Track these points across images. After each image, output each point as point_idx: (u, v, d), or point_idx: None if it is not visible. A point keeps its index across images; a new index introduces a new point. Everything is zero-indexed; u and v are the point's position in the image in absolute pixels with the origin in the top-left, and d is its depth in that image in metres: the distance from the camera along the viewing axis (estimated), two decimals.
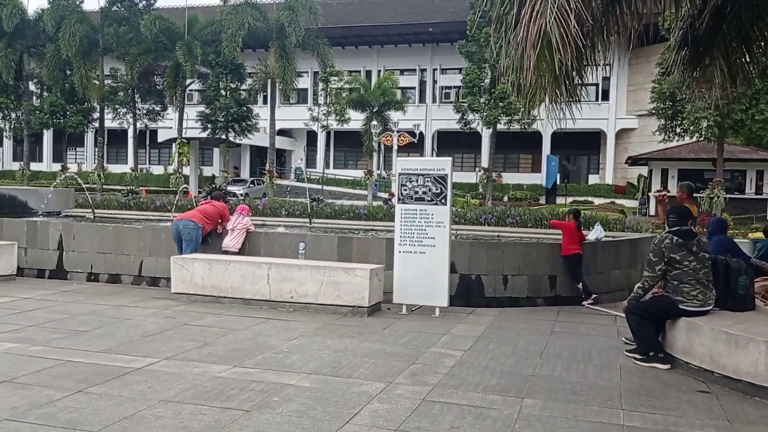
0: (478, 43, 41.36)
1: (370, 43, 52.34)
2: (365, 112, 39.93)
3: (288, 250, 10.44)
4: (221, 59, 39.72)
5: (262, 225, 14.42)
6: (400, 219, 9.16)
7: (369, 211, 14.89)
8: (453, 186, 34.43)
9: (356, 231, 13.32)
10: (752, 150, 35.52)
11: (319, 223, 14.31)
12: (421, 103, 51.42)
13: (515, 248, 10.17)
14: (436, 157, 8.43)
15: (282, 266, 9.18)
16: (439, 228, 9.01)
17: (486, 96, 41.75)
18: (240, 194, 42.64)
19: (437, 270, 9.00)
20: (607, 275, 10.92)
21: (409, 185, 9.12)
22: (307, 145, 55.23)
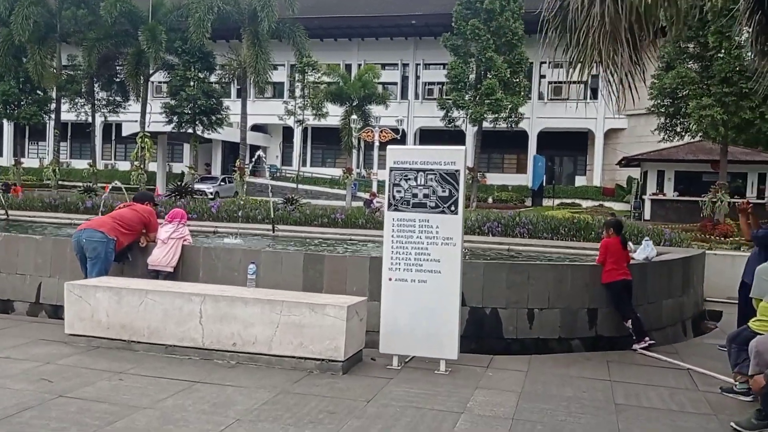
0: (464, 36, 38.89)
1: (350, 35, 49.53)
2: (344, 106, 37.17)
3: (236, 272, 7.69)
4: (188, 47, 36.70)
5: (214, 232, 11.65)
6: (392, 233, 6.47)
7: (347, 216, 12.16)
8: None
9: (330, 243, 10.61)
10: (754, 152, 33.40)
11: (286, 231, 11.56)
12: (403, 99, 48.75)
13: (544, 272, 7.51)
14: (443, 147, 6.54)
15: (221, 299, 6.44)
16: (446, 246, 6.33)
17: (472, 92, 39.29)
18: (209, 192, 39.83)
19: (443, 306, 6.33)
20: (658, 306, 8.33)
21: (404, 185, 6.43)
22: (282, 142, 52.28)
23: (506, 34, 38.37)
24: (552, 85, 47.07)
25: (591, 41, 6.68)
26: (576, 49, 6.89)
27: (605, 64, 6.73)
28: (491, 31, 38.15)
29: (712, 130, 26.98)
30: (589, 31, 6.62)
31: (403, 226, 6.44)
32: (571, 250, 10.36)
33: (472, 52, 39.16)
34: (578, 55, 6.87)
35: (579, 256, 10.07)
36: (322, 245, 10.26)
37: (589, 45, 6.73)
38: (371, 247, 10.16)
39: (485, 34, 37.92)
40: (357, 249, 9.91)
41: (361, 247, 10.08)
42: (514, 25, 38.38)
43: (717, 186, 28.06)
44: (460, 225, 6.33)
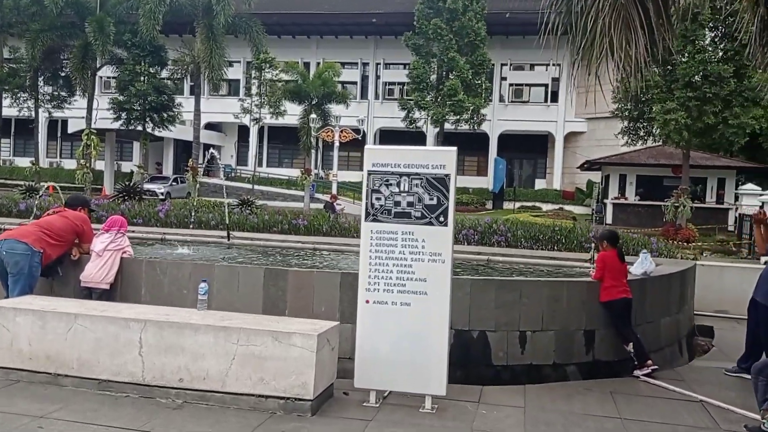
0: (425, 36, 38.24)
1: (309, 32, 48.35)
2: (303, 104, 35.99)
3: (185, 290, 6.65)
4: (138, 40, 35.03)
5: (161, 240, 10.51)
6: (370, 247, 5.52)
7: (310, 221, 11.14)
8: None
9: (293, 253, 9.59)
10: (714, 157, 33.55)
11: (242, 238, 10.48)
12: (362, 99, 47.79)
13: (538, 289, 6.66)
14: (432, 147, 5.74)
15: (166, 326, 5.41)
16: (434, 264, 5.42)
17: (433, 93, 38.64)
18: (160, 193, 38.15)
19: (430, 334, 5.42)
20: (657, 326, 7.57)
21: (385, 191, 5.49)
22: (238, 141, 50.76)
23: (469, 34, 37.85)
24: (513, 88, 46.81)
25: (600, 27, 5.87)
26: (582, 38, 6.05)
27: (616, 54, 5.90)
28: (454, 31, 37.59)
29: (676, 135, 26.79)
30: (599, 15, 5.80)
31: (383, 240, 5.50)
32: (554, 260, 9.56)
33: (434, 52, 38.53)
34: (585, 44, 6.02)
35: (563, 267, 9.29)
36: (284, 256, 9.25)
37: (598, 32, 5.91)
38: (339, 258, 9.19)
39: (447, 34, 37.32)
40: (323, 261, 8.93)
41: (327, 259, 9.10)
42: (476, 25, 37.89)
43: (679, 191, 27.91)
44: (450, 238, 5.43)
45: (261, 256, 9.00)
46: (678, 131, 26.72)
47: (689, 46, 26.39)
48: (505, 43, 45.71)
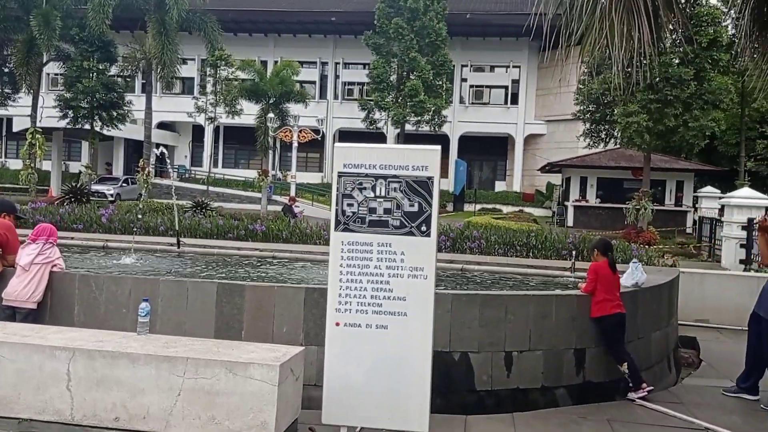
0: (386, 35, 37.59)
1: (266, 30, 47.21)
2: (260, 103, 34.90)
3: (125, 310, 5.80)
4: (87, 35, 33.45)
5: (103, 247, 9.55)
6: (340, 261, 4.77)
7: (268, 227, 10.30)
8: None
9: (250, 262, 8.75)
10: (672, 159, 33.71)
11: (194, 245, 9.59)
12: (321, 99, 46.84)
13: (525, 305, 6.00)
14: (412, 146, 5.21)
15: (99, 355, 4.57)
16: (415, 280, 4.70)
17: (394, 93, 38.01)
18: (109, 194, 36.58)
19: (411, 362, 4.70)
20: (647, 341, 7.01)
21: (358, 197, 4.75)
22: (192, 141, 49.28)
23: (430, 34, 37.34)
24: (473, 89, 46.52)
25: (600, 10, 5.25)
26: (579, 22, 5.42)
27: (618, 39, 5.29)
28: (415, 31, 37.03)
29: (638, 137, 26.69)
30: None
31: (355, 252, 4.76)
32: (532, 269, 8.95)
33: (395, 51, 37.91)
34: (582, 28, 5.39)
35: (542, 276, 8.68)
36: (240, 266, 8.41)
37: (597, 15, 5.29)
38: (301, 269, 8.40)
39: (409, 33, 36.74)
40: (284, 272, 8.12)
41: (288, 270, 8.29)
42: (437, 25, 37.40)
43: (640, 193, 27.85)
44: (433, 251, 4.71)
45: (214, 267, 8.15)
46: (639, 134, 26.62)
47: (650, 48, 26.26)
48: (465, 44, 45.42)
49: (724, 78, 27.41)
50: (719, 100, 26.54)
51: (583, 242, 9.67)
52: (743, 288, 9.83)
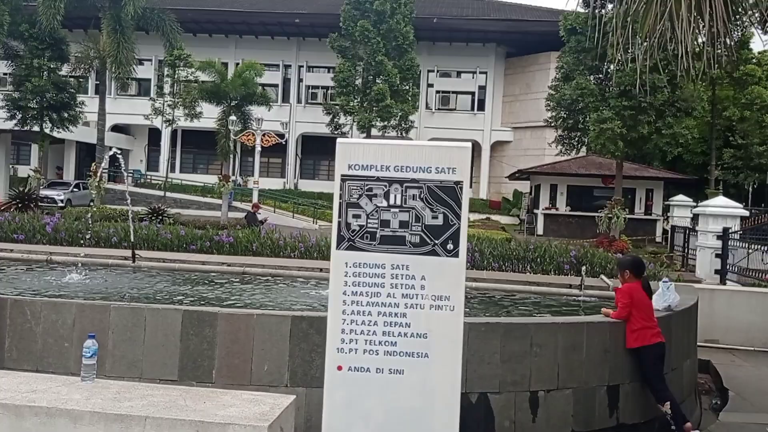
0: (352, 38, 36.65)
1: (227, 31, 45.80)
2: (221, 105, 33.54)
3: (68, 343, 4.68)
4: (37, 31, 31.67)
5: (47, 261, 8.31)
6: (344, 287, 3.75)
7: (236, 239, 9.18)
8: (318, 197, 28.50)
9: (217, 281, 7.62)
10: (642, 167, 33.51)
11: (151, 259, 8.42)
12: (284, 103, 45.59)
13: (552, 334, 5.06)
14: (438, 142, 4.40)
15: (30, 411, 3.45)
16: (440, 312, 3.71)
17: (360, 97, 37.07)
18: (59, 200, 34.69)
19: (432, 415, 3.70)
20: (680, 372, 6.14)
21: (366, 206, 3.74)
22: (148, 145, 47.49)
23: (397, 38, 36.55)
24: (440, 95, 45.90)
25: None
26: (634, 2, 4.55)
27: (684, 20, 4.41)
28: (381, 34, 36.18)
29: (611, 144, 26.23)
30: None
31: (363, 277, 3.74)
32: (533, 286, 8.04)
33: (361, 55, 37.00)
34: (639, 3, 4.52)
35: (547, 294, 7.78)
36: (206, 285, 7.29)
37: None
38: (277, 287, 7.33)
39: (375, 36, 35.87)
40: (258, 292, 7.03)
41: (263, 289, 7.21)
42: (404, 29, 36.64)
43: (613, 201, 27.40)
44: (461, 275, 3.73)
45: (176, 287, 7.02)
46: (613, 140, 26.17)
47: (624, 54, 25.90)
48: (432, 49, 44.81)
49: (697, 85, 27.18)
50: (692, 107, 26.28)
51: (586, 256, 8.82)
52: (755, 305, 9.12)
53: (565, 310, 6.87)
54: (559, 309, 6.87)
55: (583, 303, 7.14)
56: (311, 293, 6.99)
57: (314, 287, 7.37)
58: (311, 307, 6.03)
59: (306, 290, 7.18)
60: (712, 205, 21.44)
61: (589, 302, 7.18)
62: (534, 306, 7.14)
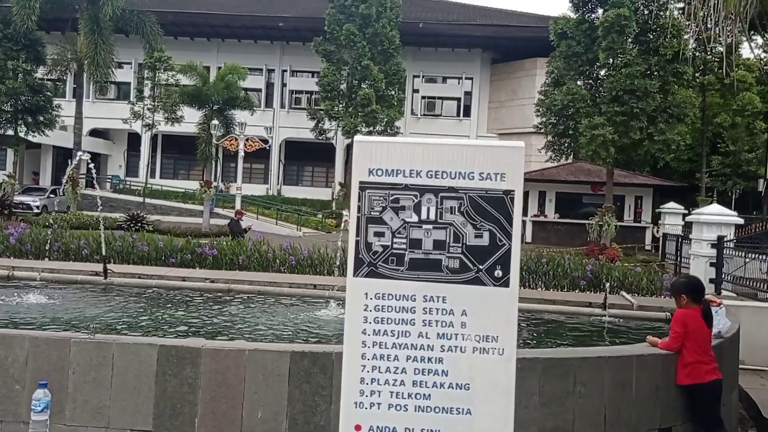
0: (337, 42, 35.91)
1: (209, 35, 44.72)
2: (203, 109, 32.57)
3: (18, 385, 3.84)
4: (12, 32, 30.55)
5: (8, 278, 7.42)
6: (363, 324, 2.97)
7: (220, 251, 8.35)
8: (302, 203, 27.24)
9: (199, 302, 6.78)
10: (631, 174, 33.07)
11: (126, 274, 7.56)
12: (267, 108, 44.64)
13: (598, 371, 4.31)
14: (482, 141, 3.86)
15: None
16: (485, 357, 2.93)
17: (345, 102, 36.31)
18: (35, 206, 33.50)
19: None
20: (729, 408, 5.42)
21: (392, 221, 2.96)
22: (128, 150, 46.29)
23: (382, 42, 35.88)
24: (425, 100, 45.28)
25: None
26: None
27: None
28: (367, 38, 35.49)
29: (603, 150, 25.69)
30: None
31: (388, 311, 2.96)
32: (550, 305, 7.30)
33: (346, 59, 36.27)
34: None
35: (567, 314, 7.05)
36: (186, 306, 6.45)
37: None
38: (269, 309, 6.50)
39: (361, 40, 35.16)
40: (248, 314, 6.20)
41: (253, 311, 6.38)
42: (390, 33, 35.99)
43: (604, 209, 26.88)
44: (514, 310, 2.96)
45: (153, 309, 6.17)
46: (605, 146, 25.64)
47: (615, 60, 25.48)
48: (417, 54, 44.18)
49: (688, 91, 26.79)
50: (684, 113, 25.85)
51: (602, 270, 8.10)
52: None
53: (593, 333, 6.13)
54: (587, 333, 6.14)
55: (608, 324, 6.42)
56: (308, 315, 6.19)
57: (310, 307, 6.57)
58: (312, 336, 5.24)
59: (301, 311, 6.39)
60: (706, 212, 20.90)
61: (617, 324, 6.47)
62: (553, 328, 6.40)
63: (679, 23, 26.00)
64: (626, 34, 24.98)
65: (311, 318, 5.99)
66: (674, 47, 25.44)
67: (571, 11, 27.89)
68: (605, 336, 6.01)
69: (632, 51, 25.18)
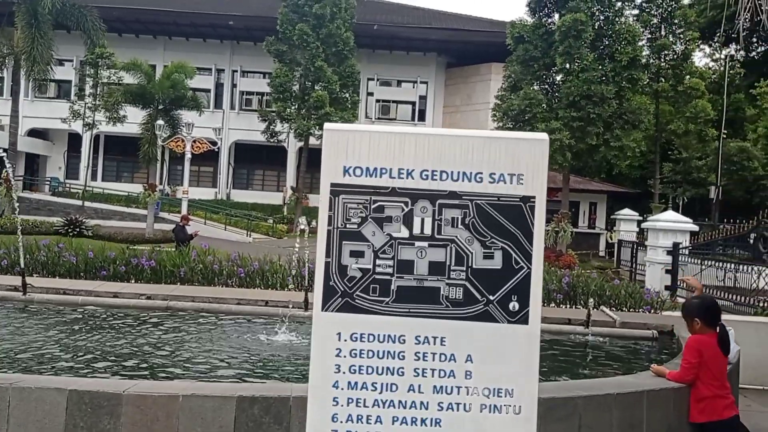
0: (289, 42, 34.96)
1: (155, 32, 43.17)
2: (148, 109, 31.18)
3: None
4: None
5: None
6: (336, 374, 2.21)
7: (159, 262, 7.43)
8: (252, 208, 26.10)
9: (130, 324, 5.87)
10: (585, 181, 33.07)
11: (48, 290, 6.59)
12: (217, 109, 43.31)
13: (605, 411, 3.64)
14: (495, 132, 3.26)
15: None
16: (496, 416, 2.20)
17: (298, 104, 35.38)
18: None
19: None
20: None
21: (374, 237, 2.21)
22: (68, 151, 44.28)
23: (337, 43, 35.09)
24: (380, 104, 44.69)
25: None
26: None
27: None
28: (321, 38, 34.65)
29: (560, 155, 25.46)
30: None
31: (368, 357, 2.22)
32: None
33: (299, 60, 35.33)
34: None
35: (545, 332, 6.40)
36: (114, 331, 5.54)
37: None
38: (213, 332, 5.64)
39: (314, 41, 34.30)
40: (188, 340, 5.32)
41: (194, 334, 5.50)
42: (345, 34, 35.24)
43: (560, 215, 26.67)
44: (535, 354, 2.25)
45: (74, 335, 5.25)
46: (561, 152, 25.41)
47: (573, 64, 25.31)
48: (372, 57, 43.55)
49: (643, 98, 26.83)
50: (639, 120, 25.84)
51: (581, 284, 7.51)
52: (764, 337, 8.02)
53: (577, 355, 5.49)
54: (572, 357, 5.49)
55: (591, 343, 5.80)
56: (258, 339, 5.38)
57: (261, 328, 5.76)
58: (264, 368, 4.42)
59: (251, 333, 5.57)
60: (662, 219, 20.86)
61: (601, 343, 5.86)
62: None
63: (635, 30, 26.03)
64: (583, 39, 24.83)
65: (263, 343, 5.18)
66: (629, 53, 25.43)
67: (528, 15, 27.67)
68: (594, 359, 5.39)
69: (589, 56, 25.03)
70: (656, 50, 28.65)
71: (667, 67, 28.99)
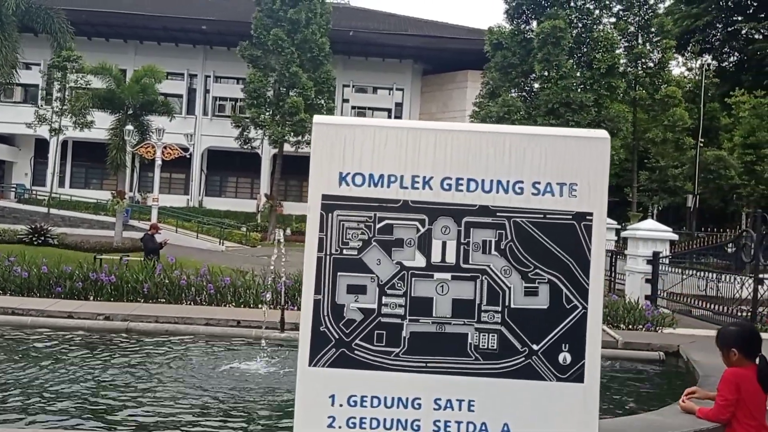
0: (264, 47, 34.36)
1: (126, 36, 42.21)
2: (117, 114, 30.28)
3: None
4: None
5: None
6: None
7: (120, 278, 6.78)
8: (225, 215, 25.38)
9: (75, 345, 5.21)
10: None
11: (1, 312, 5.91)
12: (189, 115, 42.42)
13: None
14: (536, 128, 2.87)
15: None
16: None
17: (272, 110, 34.76)
18: None
19: None
20: None
21: (381, 267, 1.65)
22: (34, 157, 43.06)
23: (312, 49, 34.58)
24: (355, 111, 44.23)
25: None
26: None
27: None
28: (296, 44, 34.11)
29: None
30: None
31: (370, 427, 1.65)
32: None
33: (274, 65, 34.72)
34: None
35: None
36: (62, 359, 4.89)
37: None
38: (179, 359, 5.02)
39: (289, 46, 33.74)
40: (150, 371, 4.69)
41: (156, 362, 4.87)
42: (320, 40, 34.74)
43: None
44: (593, 423, 1.70)
45: (16, 365, 4.59)
46: None
47: (552, 72, 25.07)
48: (348, 63, 43.15)
49: (621, 106, 26.72)
50: (617, 127, 25.69)
51: None
52: None
53: None
54: None
55: None
56: (229, 367, 4.77)
57: (231, 354, 5.15)
58: (235, 408, 3.82)
59: (220, 360, 4.96)
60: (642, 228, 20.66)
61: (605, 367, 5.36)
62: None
63: (612, 37, 25.91)
64: (562, 46, 24.63)
65: (233, 374, 4.57)
66: (608, 61, 25.30)
67: (506, 22, 27.44)
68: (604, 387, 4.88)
69: (567, 64, 24.83)
70: (633, 58, 28.59)
71: (644, 75, 28.94)
